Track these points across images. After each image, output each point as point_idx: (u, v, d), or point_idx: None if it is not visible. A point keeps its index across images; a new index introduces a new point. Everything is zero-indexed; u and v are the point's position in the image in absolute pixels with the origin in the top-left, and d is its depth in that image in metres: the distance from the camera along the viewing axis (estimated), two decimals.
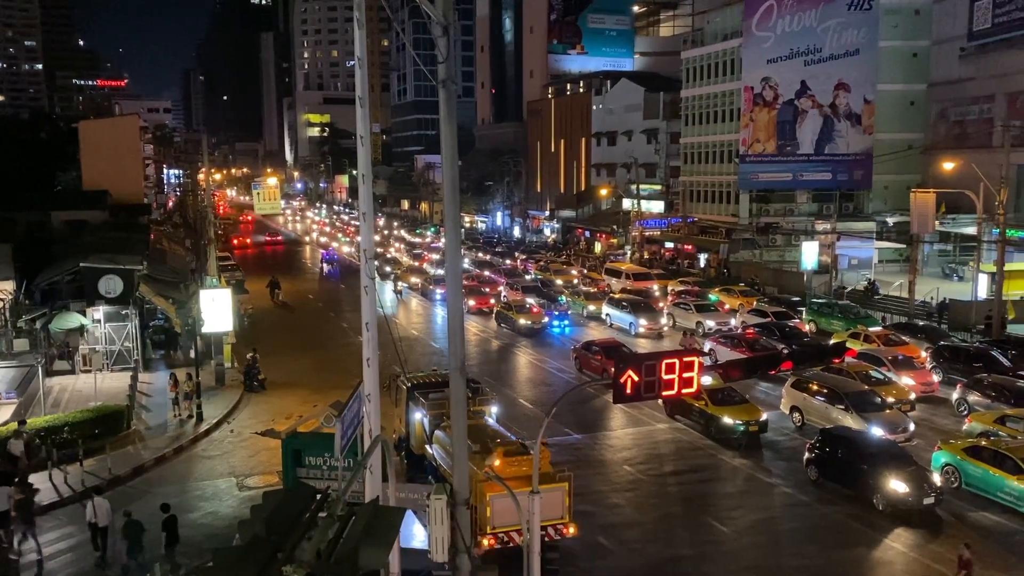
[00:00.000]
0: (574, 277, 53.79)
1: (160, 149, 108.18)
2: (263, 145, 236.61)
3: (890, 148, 53.42)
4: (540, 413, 25.70)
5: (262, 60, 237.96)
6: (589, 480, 21.33)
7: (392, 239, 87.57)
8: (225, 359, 32.19)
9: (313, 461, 15.84)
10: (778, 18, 55.69)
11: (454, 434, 10.65)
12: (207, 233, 38.22)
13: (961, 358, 30.17)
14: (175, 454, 24.00)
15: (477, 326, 42.49)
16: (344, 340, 38.81)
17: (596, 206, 77.65)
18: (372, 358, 9.97)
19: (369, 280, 10.02)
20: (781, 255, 54.48)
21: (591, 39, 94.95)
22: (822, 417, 24.37)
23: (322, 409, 22.07)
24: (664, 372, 11.72)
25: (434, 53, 9.71)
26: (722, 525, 19.13)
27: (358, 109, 9.95)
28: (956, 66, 49.31)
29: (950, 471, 20.58)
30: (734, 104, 58.66)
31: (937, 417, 26.48)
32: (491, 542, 16.00)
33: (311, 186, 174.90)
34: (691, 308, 40.76)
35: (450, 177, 10.06)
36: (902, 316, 40.05)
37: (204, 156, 47.15)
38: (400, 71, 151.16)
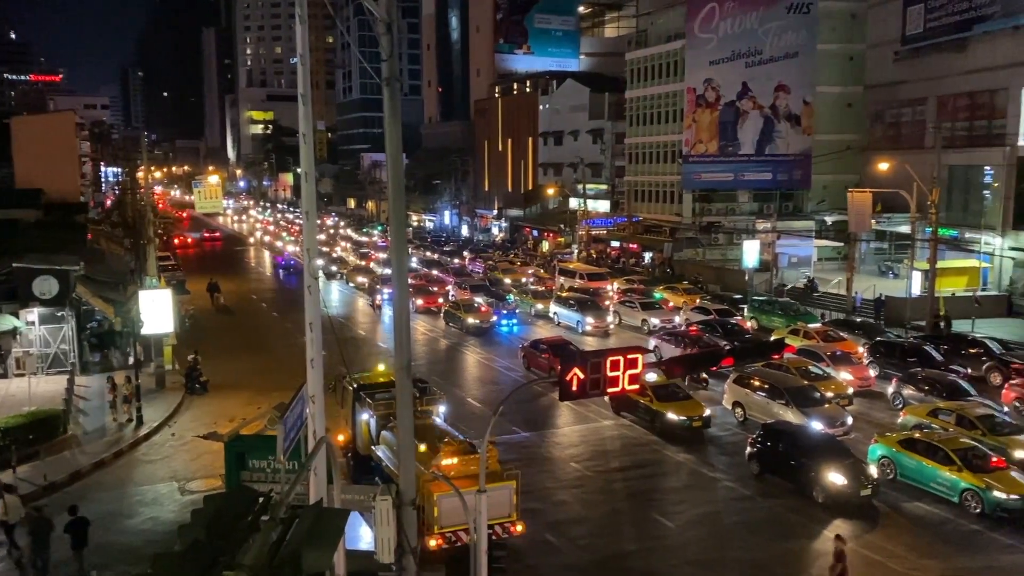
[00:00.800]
0: (522, 276, 53.87)
1: (97, 146, 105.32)
2: (205, 143, 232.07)
3: (828, 149, 54.76)
4: (488, 412, 25.71)
5: (204, 56, 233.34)
6: (537, 478, 21.43)
7: (338, 238, 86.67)
8: (166, 361, 31.51)
9: (257, 464, 15.63)
10: (720, 20, 56.61)
11: (400, 434, 10.61)
12: (146, 232, 37.29)
13: (897, 353, 31.07)
14: (114, 459, 23.41)
15: (425, 325, 42.35)
16: (288, 341, 38.30)
17: (543, 205, 77.99)
18: (316, 359, 9.88)
19: (312, 279, 9.93)
20: (723, 254, 55.44)
21: (537, 39, 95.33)
22: (763, 412, 24.86)
23: (266, 411, 21.78)
24: (609, 369, 11.84)
25: (379, 50, 9.66)
26: (667, 520, 19.40)
27: (300, 107, 9.85)
28: (890, 69, 50.74)
29: (886, 463, 21.19)
30: (677, 105, 59.46)
31: (874, 411, 27.22)
32: (439, 542, 15.98)
33: (254, 184, 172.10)
34: (636, 306, 41.24)
35: (395, 175, 10.02)
36: (840, 313, 41.09)
37: (143, 154, 45.96)
38: (345, 68, 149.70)
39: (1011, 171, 41.69)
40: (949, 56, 45.83)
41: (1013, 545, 17.87)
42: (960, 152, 43.78)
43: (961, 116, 45.58)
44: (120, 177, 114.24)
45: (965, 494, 19.30)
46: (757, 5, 56.60)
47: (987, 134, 43.61)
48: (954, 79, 45.65)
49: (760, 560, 17.48)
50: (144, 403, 26.68)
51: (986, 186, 44.34)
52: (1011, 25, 41.30)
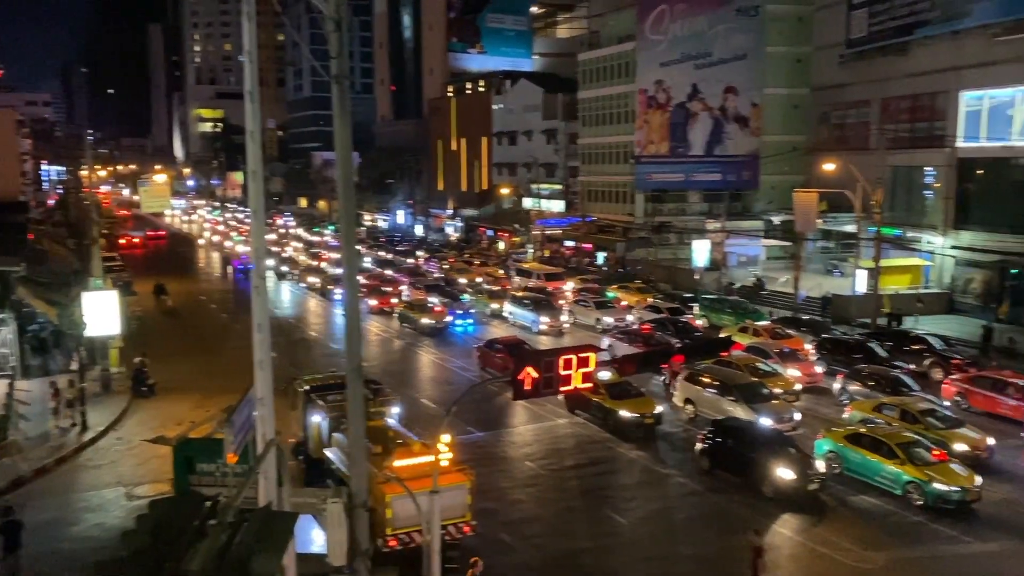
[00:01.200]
0: (478, 275, 53.75)
1: (39, 144, 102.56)
2: (152, 141, 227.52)
3: (776, 149, 55.72)
4: (443, 412, 25.66)
5: (150, 53, 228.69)
6: (491, 477, 21.45)
7: (289, 238, 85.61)
8: (112, 364, 30.81)
9: (206, 468, 15.34)
10: (670, 22, 57.24)
11: (351, 436, 10.54)
12: (91, 232, 36.41)
13: (842, 350, 31.76)
14: (57, 465, 22.83)
15: (379, 326, 42.08)
16: (238, 342, 37.70)
17: (498, 205, 78.07)
18: (264, 360, 9.76)
19: (260, 280, 9.81)
20: (674, 253, 56.09)
21: (490, 39, 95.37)
22: (713, 408, 25.21)
23: (215, 414, 21.45)
24: (562, 368, 11.92)
25: (329, 48, 9.57)
26: (620, 516, 19.58)
27: (247, 104, 9.72)
28: (836, 72, 51.81)
29: (832, 457, 21.65)
30: (629, 106, 59.98)
31: (820, 406, 27.79)
32: (392, 543, 15.90)
33: (203, 183, 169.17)
34: (590, 305, 41.51)
35: (345, 174, 9.94)
36: (787, 311, 41.85)
37: (87, 152, 44.96)
38: (296, 66, 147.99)
39: (951, 172, 42.90)
40: (892, 59, 46.96)
41: (954, 536, 18.40)
42: (903, 153, 44.91)
43: (903, 118, 46.75)
44: (63, 176, 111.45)
45: (908, 487, 19.81)
46: (706, 8, 57.34)
47: (928, 136, 44.81)
48: (897, 82, 46.81)
49: (711, 554, 17.74)
50: (89, 407, 26.04)
51: (927, 186, 45.56)
52: (950, 30, 42.48)
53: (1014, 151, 39.78)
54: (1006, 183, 41.16)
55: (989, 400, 26.22)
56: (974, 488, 19.43)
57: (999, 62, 39.80)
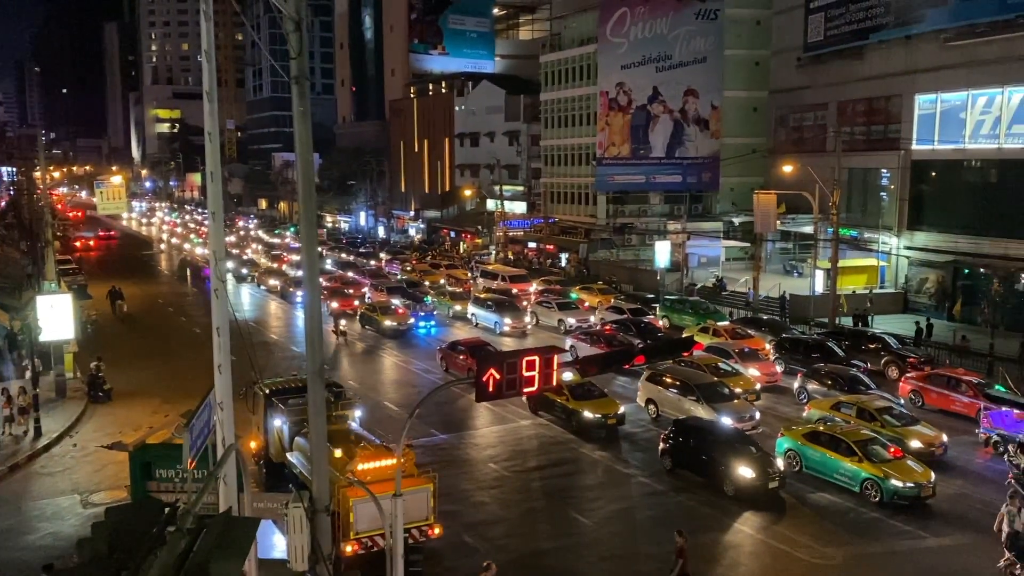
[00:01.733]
0: (441, 277, 53.59)
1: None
2: (107, 141, 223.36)
3: (735, 152, 56.40)
4: (405, 415, 25.53)
5: (106, 52, 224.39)
6: (454, 480, 21.39)
7: (249, 240, 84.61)
8: (66, 369, 30.15)
9: (164, 474, 15.13)
10: (631, 25, 57.64)
11: (312, 440, 10.43)
12: (44, 235, 35.64)
13: (801, 349, 32.23)
14: (9, 472, 22.30)
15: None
16: (197, 346, 37.18)
17: (461, 206, 77.96)
18: (224, 364, 9.62)
19: (219, 283, 9.67)
20: (636, 254, 56.48)
21: (452, 40, 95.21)
22: (675, 408, 25.42)
23: (173, 419, 21.12)
24: (525, 369, 11.91)
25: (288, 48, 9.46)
26: (583, 517, 19.64)
27: (206, 104, 9.58)
28: (793, 75, 52.60)
29: (792, 455, 21.96)
30: (591, 108, 60.28)
31: (780, 405, 28.17)
32: (354, 547, 15.78)
33: (161, 185, 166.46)
34: (553, 306, 41.61)
35: (305, 176, 9.84)
36: (747, 311, 42.37)
37: (40, 153, 43.99)
38: (255, 66, 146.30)
39: (905, 174, 43.78)
40: (848, 63, 47.79)
41: (910, 531, 18.76)
42: (859, 155, 45.70)
43: (859, 121, 47.59)
44: (15, 177, 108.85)
45: (865, 484, 20.16)
46: (667, 11, 57.85)
47: (883, 138, 45.67)
48: (853, 85, 47.64)
49: (673, 553, 17.84)
50: (43, 413, 25.49)
51: (883, 188, 46.44)
52: (904, 35, 43.36)
53: (966, 153, 40.73)
54: (959, 185, 42.13)
55: (943, 398, 26.80)
56: (929, 484, 19.84)
57: (951, 66, 40.74)
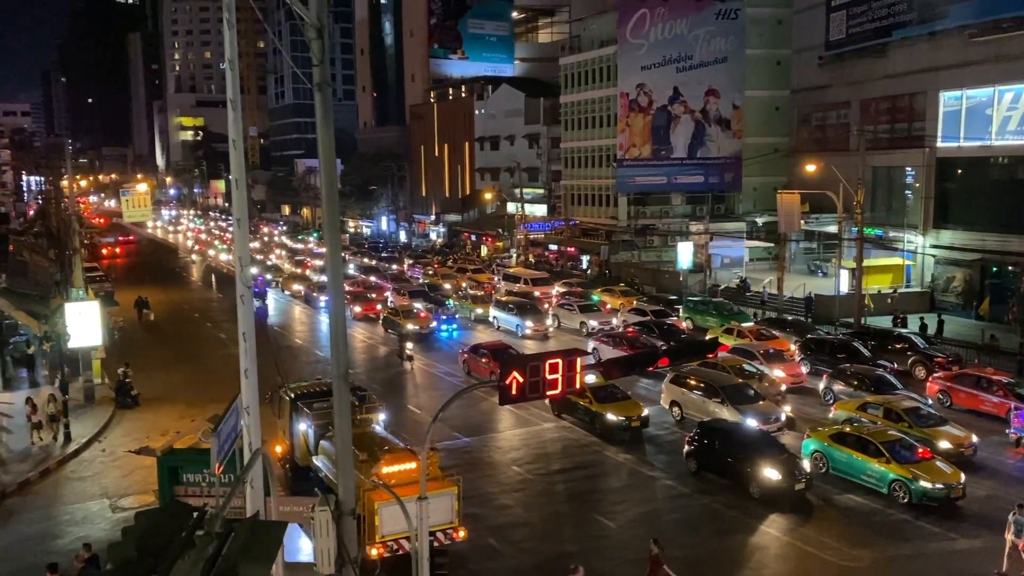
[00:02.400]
0: (463, 281, 53.61)
1: (18, 154, 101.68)
2: (132, 150, 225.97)
3: (758, 151, 56.08)
4: (429, 418, 25.61)
5: (130, 61, 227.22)
6: (478, 483, 21.41)
7: (273, 245, 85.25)
8: (95, 375, 30.55)
9: (192, 478, 15.28)
10: (651, 26, 57.51)
11: (338, 443, 10.49)
12: (72, 243, 36.12)
13: (826, 350, 31.93)
14: (40, 477, 22.61)
15: (364, 333, 41.94)
16: (222, 351, 37.53)
17: (481, 210, 78.08)
18: (250, 369, 9.70)
19: (244, 289, 9.76)
20: (658, 255, 56.27)
21: (472, 44, 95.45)
22: (700, 411, 25.28)
23: (200, 424, 21.31)
24: (548, 372, 11.90)
25: (311, 55, 9.55)
26: (608, 519, 19.58)
27: (230, 113, 9.68)
28: (815, 73, 52.22)
29: (818, 457, 21.76)
30: (611, 110, 60.19)
31: (806, 406, 27.93)
32: (380, 551, 15.84)
33: (185, 192, 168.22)
34: (575, 309, 41.54)
35: (328, 181, 9.91)
36: (772, 312, 42.06)
37: (67, 162, 44.60)
38: (277, 73, 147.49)
39: (930, 172, 43.30)
40: (871, 61, 47.37)
41: (939, 532, 18.53)
42: (883, 154, 45.28)
43: (883, 119, 47.16)
44: (43, 186, 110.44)
45: (893, 485, 19.94)
46: (687, 11, 57.68)
47: (908, 136, 45.21)
48: (876, 83, 47.22)
49: (699, 556, 17.77)
50: (73, 418, 25.80)
51: (908, 186, 45.96)
52: (927, 31, 42.92)
53: (992, 150, 40.21)
54: (985, 182, 41.59)
55: (972, 397, 26.45)
56: (958, 485, 19.58)
57: (976, 62, 40.25)
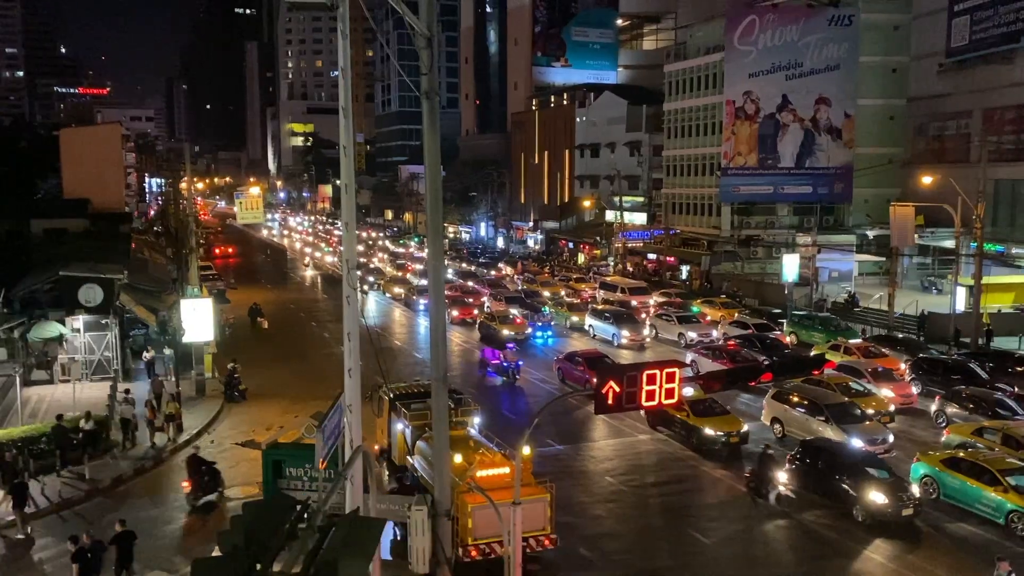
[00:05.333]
0: (561, 288, 53.55)
1: (142, 158, 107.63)
2: (246, 154, 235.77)
3: (870, 162, 54.04)
4: (522, 424, 25.68)
5: (246, 69, 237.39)
6: (571, 491, 21.32)
7: (376, 249, 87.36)
8: (206, 369, 31.95)
9: (294, 472, 15.78)
10: (760, 33, 56.28)
11: (435, 445, 10.64)
12: (189, 242, 37.94)
13: (940, 370, 30.43)
14: (155, 465, 23.79)
15: (460, 336, 42.45)
16: (325, 350, 38.65)
17: (579, 217, 77.94)
18: (354, 368, 9.96)
19: (352, 290, 10.03)
20: (762, 267, 54.89)
21: (575, 52, 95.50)
22: (802, 428, 24.52)
23: (302, 420, 21.94)
24: (646, 383, 11.76)
25: (418, 64, 9.75)
26: (703, 536, 19.18)
27: (341, 120, 9.97)
28: (935, 82, 49.98)
29: (928, 482, 20.75)
30: (716, 117, 59.14)
31: (916, 429, 26.70)
32: (473, 553, 15.96)
33: (294, 196, 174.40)
34: (673, 320, 40.93)
35: (433, 188, 10.10)
36: (882, 328, 40.40)
37: (187, 165, 46.87)
38: (384, 81, 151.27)
39: None
40: (996, 68, 45.03)
41: None
42: (1007, 166, 42.91)
43: (1008, 129, 44.71)
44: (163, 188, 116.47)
45: (1011, 516, 18.81)
46: (797, 18, 56.21)
47: None
48: (1001, 91, 44.81)
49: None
50: (184, 410, 27.04)
51: None
52: None
53: None
54: None
55: None
56: None
57: None
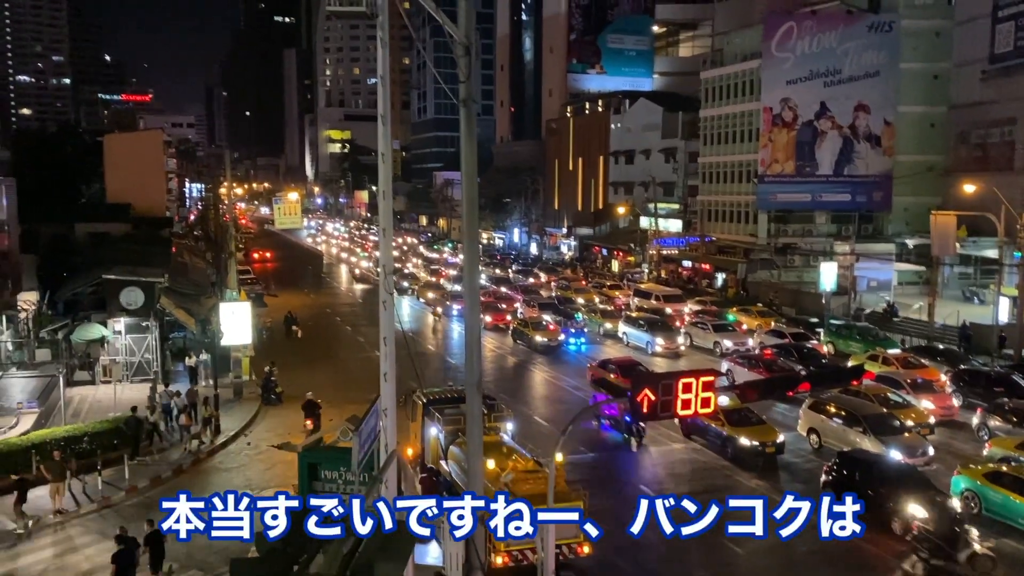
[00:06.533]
0: (595, 295, 53.29)
1: (183, 163, 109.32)
2: (284, 160, 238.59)
3: (910, 170, 53.22)
4: (555, 431, 25.63)
5: (285, 77, 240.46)
6: (604, 499, 21.20)
7: (410, 254, 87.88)
8: (243, 372, 32.35)
9: (329, 475, 15.84)
10: (797, 39, 55.75)
11: (469, 450, 10.68)
12: (228, 246, 38.49)
13: (982, 382, 29.82)
14: (192, 466, 24.14)
15: (493, 342, 42.51)
16: (361, 354, 38.94)
17: (613, 224, 77.66)
18: (389, 372, 10.03)
19: (387, 295, 10.11)
20: (799, 276, 54.23)
21: (610, 59, 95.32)
22: (840, 439, 24.19)
23: (338, 423, 22.16)
24: (681, 392, 11.71)
25: (455, 71, 9.83)
26: (737, 547, 18.95)
27: (379, 127, 10.08)
28: (978, 88, 49.09)
29: (970, 496, 20.33)
30: (753, 124, 58.65)
31: (957, 441, 26.19)
32: (505, 560, 15.96)
33: (331, 201, 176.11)
34: (708, 328, 40.60)
35: (469, 194, 10.16)
36: (922, 339, 39.70)
37: (227, 170, 47.63)
38: (420, 89, 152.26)
39: None
40: None
41: None
42: None
43: None
44: (203, 193, 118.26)
45: None
46: (836, 24, 55.61)
47: None
48: None
49: None
50: (222, 412, 27.41)
51: None
52: None
53: None
54: None
55: None
56: None
57: None
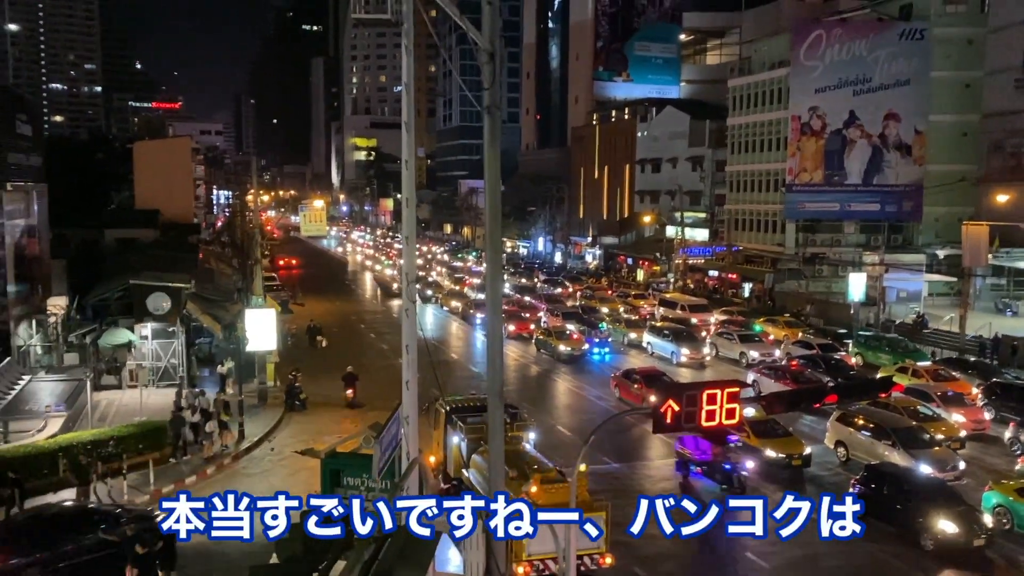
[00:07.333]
0: (620, 305, 53.01)
1: (210, 170, 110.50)
2: (311, 168, 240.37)
3: (941, 179, 52.52)
4: (578, 440, 25.49)
5: (312, 85, 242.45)
6: (627, 510, 20.93)
7: (434, 262, 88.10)
8: (268, 378, 32.51)
9: (351, 482, 15.85)
10: (827, 48, 55.29)
11: (491, 459, 10.60)
12: (254, 253, 38.77)
13: (1014, 395, 29.29)
14: (216, 471, 24.26)
15: (516, 351, 42.41)
16: (383, 362, 39.00)
17: (639, 233, 77.34)
18: (411, 380, 9.99)
19: (410, 303, 10.08)
20: (828, 286, 53.65)
21: (637, 67, 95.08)
22: (868, 452, 23.84)
23: (361, 429, 22.13)
24: (706, 403, 11.55)
25: (480, 79, 9.79)
26: (762, 560, 18.72)
27: (404, 134, 10.07)
28: (1011, 97, 48.36)
29: (1002, 512, 19.92)
30: (781, 133, 58.21)
31: (988, 456, 25.71)
32: (526, 570, 15.85)
33: (356, 209, 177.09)
34: (735, 338, 40.25)
35: (492, 202, 10.10)
36: (952, 351, 39.08)
37: (253, 178, 48.03)
38: (446, 96, 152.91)
39: None
40: None
41: None
42: None
43: None
44: (230, 200, 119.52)
45: None
46: (866, 32, 55.09)
47: None
48: None
49: None
50: (246, 417, 27.55)
51: None
52: None
53: None
54: None
55: None
56: None
57: None
